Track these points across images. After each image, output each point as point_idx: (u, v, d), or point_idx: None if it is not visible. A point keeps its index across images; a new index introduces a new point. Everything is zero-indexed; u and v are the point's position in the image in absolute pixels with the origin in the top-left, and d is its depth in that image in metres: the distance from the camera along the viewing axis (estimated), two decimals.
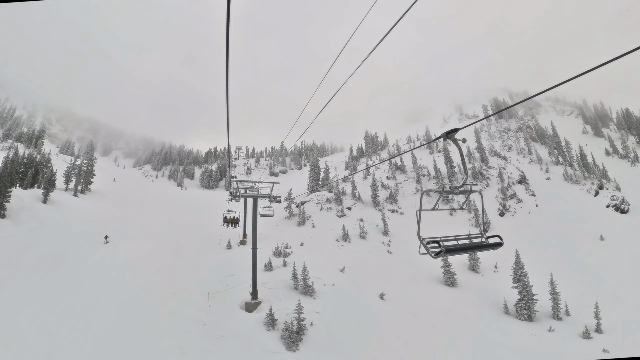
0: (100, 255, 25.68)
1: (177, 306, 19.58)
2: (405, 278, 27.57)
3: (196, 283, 23.10)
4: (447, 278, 28.05)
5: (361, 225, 35.95)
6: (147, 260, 25.87)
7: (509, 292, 27.52)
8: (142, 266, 24.68)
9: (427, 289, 26.31)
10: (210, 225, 38.15)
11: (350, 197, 44.50)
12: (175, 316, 18.44)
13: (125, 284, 21.64)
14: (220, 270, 25.92)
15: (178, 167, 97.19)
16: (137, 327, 16.96)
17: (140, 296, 20.29)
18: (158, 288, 21.64)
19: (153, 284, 22.12)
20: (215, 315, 18.92)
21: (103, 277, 22.26)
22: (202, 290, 21.75)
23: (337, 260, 28.78)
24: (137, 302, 19.49)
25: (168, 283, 22.60)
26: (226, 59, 3.40)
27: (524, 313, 25.09)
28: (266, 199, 22.19)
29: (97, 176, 55.51)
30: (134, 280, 22.32)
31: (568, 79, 2.82)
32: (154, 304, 19.46)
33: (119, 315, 17.91)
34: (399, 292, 24.37)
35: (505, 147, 72.46)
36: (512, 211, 48.30)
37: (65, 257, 24.00)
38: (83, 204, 37.32)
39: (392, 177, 53.48)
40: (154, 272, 23.93)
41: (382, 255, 31.83)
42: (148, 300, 19.91)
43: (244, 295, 21.38)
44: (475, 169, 53.39)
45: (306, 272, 22.22)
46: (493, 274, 32.16)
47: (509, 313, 25.69)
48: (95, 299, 19.35)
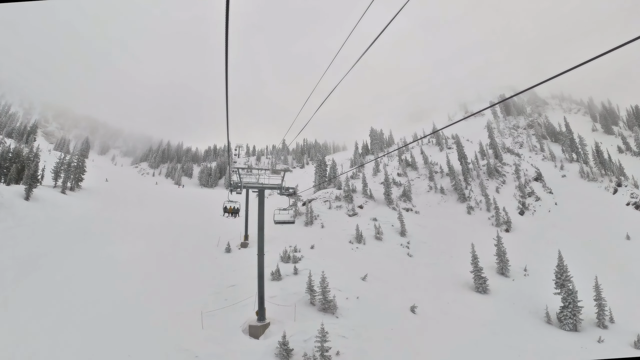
0: (80, 259, 22.41)
1: (162, 329, 15.52)
2: (431, 285, 24.56)
3: (188, 296, 19.12)
4: (479, 284, 25.09)
5: (376, 225, 32.84)
6: (133, 266, 22.49)
7: (548, 298, 24.69)
8: (126, 273, 21.28)
9: (458, 298, 23.31)
10: (207, 226, 34.83)
11: (361, 194, 41.47)
12: (158, 343, 14.51)
13: (103, 294, 18.26)
14: (217, 279, 22.05)
15: (176, 164, 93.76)
16: (108, 357, 13.56)
17: (118, 312, 16.72)
18: (141, 302, 17.95)
19: (136, 297, 18.49)
20: (211, 343, 14.79)
21: (79, 285, 19.02)
22: (194, 307, 17.59)
23: (355, 266, 25.42)
24: (112, 321, 15.91)
25: (153, 295, 18.86)
26: (225, 56, 3.27)
27: (569, 322, 22.18)
28: (276, 191, 17.33)
29: (92, 174, 52.30)
30: (113, 290, 18.87)
31: (570, 68, 2.78)
32: (132, 326, 15.67)
33: (84, 340, 14.32)
34: (430, 302, 21.23)
35: (516, 144, 69.98)
36: (532, 209, 45.52)
37: (41, 259, 20.80)
38: (71, 201, 34.02)
39: (403, 173, 50.54)
40: (139, 281, 20.38)
41: (402, 258, 28.73)
42: (126, 319, 16.23)
43: (247, 315, 17.08)
44: (490, 165, 50.59)
45: (325, 283, 18.37)
46: (524, 278, 29.26)
47: (551, 322, 22.78)
48: (65, 312, 16.16)
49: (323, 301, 18.21)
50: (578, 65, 2.74)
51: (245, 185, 16.94)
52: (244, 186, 16.89)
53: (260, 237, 17.08)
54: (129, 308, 17.19)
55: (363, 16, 4.41)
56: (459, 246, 33.16)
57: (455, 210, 41.90)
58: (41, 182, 40.22)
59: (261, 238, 17.09)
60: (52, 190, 36.55)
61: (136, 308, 17.29)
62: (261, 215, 17.56)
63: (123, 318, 16.22)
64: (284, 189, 16.82)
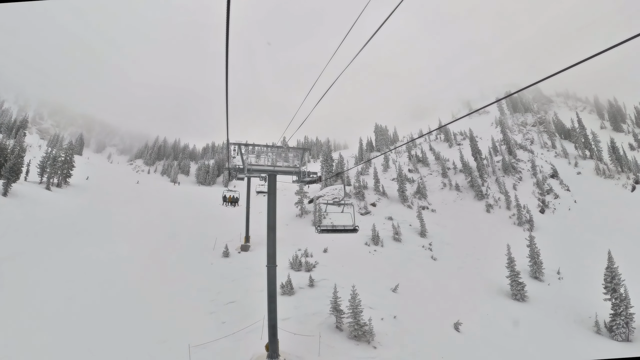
0: (56, 261, 19.35)
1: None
2: (464, 293, 21.70)
3: (173, 319, 14.96)
4: (516, 291, 22.27)
5: (394, 224, 29.84)
6: (115, 272, 19.26)
7: (591, 304, 22.07)
8: (104, 281, 18.05)
9: (496, 307, 20.47)
10: (203, 225, 31.51)
11: (373, 191, 38.55)
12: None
13: (72, 310, 14.97)
14: (213, 293, 18.15)
15: (172, 162, 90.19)
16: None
17: (82, 335, 13.11)
18: (114, 323, 14.21)
19: (109, 315, 14.80)
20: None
21: (48, 293, 16.03)
22: (181, 337, 13.29)
23: (379, 274, 22.20)
24: (71, 351, 12.31)
25: (130, 315, 15.04)
26: (226, 52, 3.22)
27: (622, 332, 19.48)
28: (290, 175, 12.69)
29: (85, 171, 48.89)
30: (84, 306, 15.46)
31: (574, 64, 2.68)
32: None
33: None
34: (469, 316, 18.23)
35: (527, 140, 67.68)
36: (552, 208, 42.98)
37: (6, 263, 17.56)
38: (55, 198, 30.71)
39: (415, 169, 47.74)
40: (117, 292, 16.92)
41: (426, 262, 25.77)
42: (88, 347, 12.45)
43: (252, 348, 12.96)
44: (505, 161, 48.01)
45: (356, 300, 14.57)
46: (559, 282, 26.57)
47: (600, 332, 20.06)
48: (22, 330, 13.05)
49: (355, 325, 14.13)
50: (582, 60, 2.61)
51: (251, 168, 11.81)
52: (249, 170, 11.76)
53: (270, 240, 12.12)
54: (94, 333, 13.28)
55: (359, 17, 4.51)
56: (484, 247, 30.43)
57: (473, 208, 39.17)
58: (26, 177, 36.91)
59: (272, 242, 12.08)
60: (36, 186, 33.22)
61: (105, 334, 13.31)
62: (272, 211, 12.25)
63: (83, 349, 12.33)
64: (304, 174, 12.17)
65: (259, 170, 12.21)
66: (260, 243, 26.72)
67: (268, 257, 12.06)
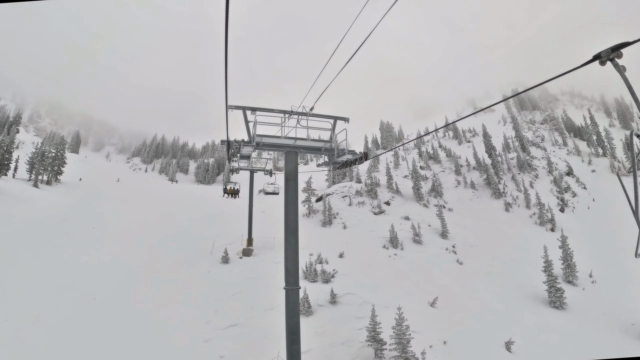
0: (26, 268, 17.10)
1: None
2: (499, 302, 19.52)
3: (158, 351, 12.18)
4: (556, 298, 20.11)
5: (414, 225, 27.46)
6: (93, 283, 16.81)
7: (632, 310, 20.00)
8: (78, 295, 15.51)
9: (537, 318, 18.34)
10: (200, 227, 28.56)
11: (386, 188, 36.33)
12: None
13: (28, 333, 12.52)
14: (209, 311, 15.10)
15: (171, 160, 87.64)
16: None
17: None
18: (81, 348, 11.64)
19: (74, 347, 12.08)
20: None
21: (7, 309, 13.56)
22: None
23: (407, 283, 19.62)
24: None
25: (103, 345, 12.26)
26: (225, 46, 3.34)
27: None
28: (318, 154, 9.09)
29: (81, 169, 46.52)
30: (47, 330, 12.96)
31: (579, 65, 2.68)
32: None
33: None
34: (513, 330, 15.83)
35: (537, 137, 65.81)
36: (571, 206, 40.97)
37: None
38: (41, 196, 28.36)
39: (426, 166, 45.59)
40: (88, 313, 14.22)
41: (452, 267, 23.40)
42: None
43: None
44: (520, 158, 45.98)
45: (403, 326, 11.53)
46: (593, 286, 24.49)
47: None
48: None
49: (401, 357, 11.13)
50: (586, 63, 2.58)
51: (261, 142, 7.92)
52: (259, 144, 7.91)
53: (290, 250, 7.77)
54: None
55: (358, 17, 4.72)
56: (509, 249, 28.31)
57: (490, 207, 37.06)
58: (15, 174, 34.55)
59: (292, 252, 7.76)
60: (23, 183, 30.81)
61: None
62: (292, 206, 7.93)
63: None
64: (339, 152, 8.05)
65: (273, 145, 8.07)
66: (264, 247, 24.20)
67: (286, 274, 7.55)
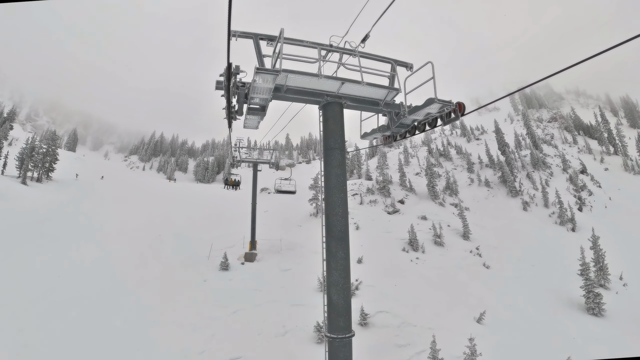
0: (7, 267, 15.09)
1: None
2: (536, 310, 17.68)
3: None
4: (594, 304, 18.37)
5: (435, 225, 25.53)
6: (69, 292, 14.70)
7: None
8: (48, 308, 13.38)
9: (580, 329, 16.58)
10: (197, 228, 26.35)
11: (399, 186, 34.53)
12: None
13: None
14: (204, 335, 12.50)
15: (169, 158, 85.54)
16: None
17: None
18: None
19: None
20: None
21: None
22: None
23: (440, 294, 17.53)
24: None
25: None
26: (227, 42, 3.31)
27: None
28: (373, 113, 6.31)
29: (77, 167, 44.53)
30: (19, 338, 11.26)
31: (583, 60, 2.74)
32: None
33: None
34: (561, 346, 14.03)
35: (546, 135, 64.35)
36: (588, 205, 39.40)
37: None
38: (29, 193, 26.41)
39: (437, 164, 43.87)
40: (59, 332, 11.93)
41: (479, 272, 21.38)
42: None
43: None
44: (534, 155, 44.37)
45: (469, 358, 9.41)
46: (625, 290, 22.81)
47: None
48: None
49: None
50: (591, 56, 2.67)
51: (285, 86, 5.17)
52: (285, 89, 5.20)
53: (335, 271, 4.89)
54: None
55: (358, 17, 4.78)
56: (533, 250, 26.60)
57: (507, 205, 35.36)
58: (3, 170, 32.57)
59: (341, 274, 4.87)
60: (10, 180, 28.79)
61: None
62: (336, 193, 5.12)
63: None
64: (416, 108, 5.35)
65: (304, 92, 5.24)
66: (269, 251, 22.09)
67: (330, 311, 4.80)
